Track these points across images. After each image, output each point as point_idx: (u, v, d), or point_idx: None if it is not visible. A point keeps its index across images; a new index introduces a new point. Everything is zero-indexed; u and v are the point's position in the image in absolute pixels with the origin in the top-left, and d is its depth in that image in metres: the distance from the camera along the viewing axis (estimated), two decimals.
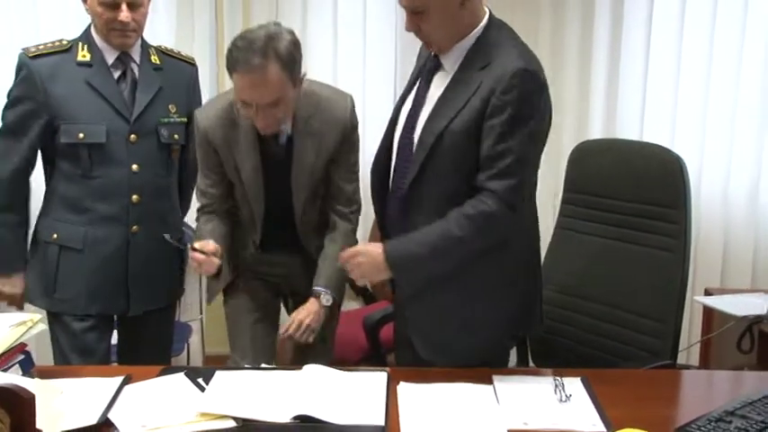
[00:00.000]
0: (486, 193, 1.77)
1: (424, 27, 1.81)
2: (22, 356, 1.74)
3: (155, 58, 2.25)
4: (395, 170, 1.94)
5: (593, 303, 2.27)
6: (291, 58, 1.92)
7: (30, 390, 1.37)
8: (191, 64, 2.35)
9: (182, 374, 1.77)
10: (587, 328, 2.27)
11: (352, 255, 1.85)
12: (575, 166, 2.37)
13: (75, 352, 2.17)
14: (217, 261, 1.98)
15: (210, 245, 1.99)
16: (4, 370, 1.65)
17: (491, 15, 1.87)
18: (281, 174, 2.11)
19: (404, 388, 1.73)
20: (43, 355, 2.33)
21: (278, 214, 2.14)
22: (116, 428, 1.53)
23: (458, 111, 1.78)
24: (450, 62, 1.85)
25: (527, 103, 1.76)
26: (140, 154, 2.18)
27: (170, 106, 2.23)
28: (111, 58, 2.14)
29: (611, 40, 3.30)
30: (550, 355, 2.34)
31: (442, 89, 1.85)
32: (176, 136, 2.26)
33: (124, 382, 1.73)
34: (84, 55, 2.11)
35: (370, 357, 2.65)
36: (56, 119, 2.13)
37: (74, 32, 2.21)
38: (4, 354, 1.66)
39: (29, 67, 2.10)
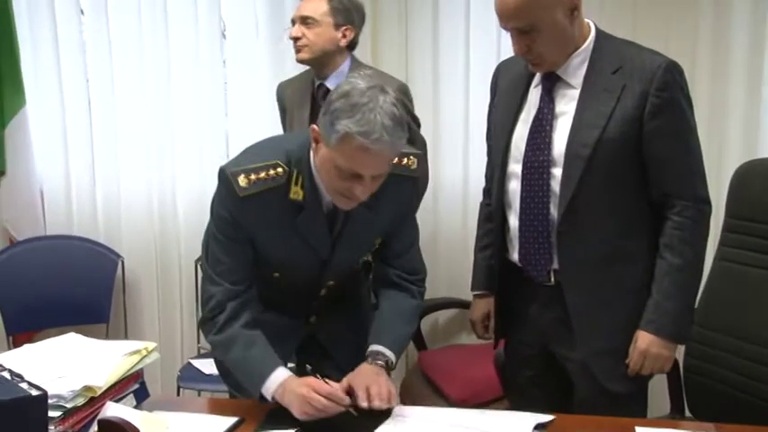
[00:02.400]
0: (681, 205, 1.85)
1: (536, 46, 1.82)
2: (136, 386, 1.79)
3: None
4: (524, 200, 1.92)
5: (760, 347, 2.08)
6: None
7: (135, 424, 1.40)
8: (412, 177, 1.89)
9: None
10: (752, 375, 2.09)
11: (642, 357, 1.88)
12: (739, 188, 2.20)
13: None
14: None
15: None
16: (117, 400, 1.70)
17: (596, 26, 1.92)
18: None
19: None
20: (153, 383, 2.38)
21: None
22: None
23: (608, 117, 1.81)
24: (572, 74, 1.88)
25: (685, 97, 1.84)
26: (325, 305, 2.01)
27: (376, 240, 1.93)
28: (326, 200, 1.78)
29: None
30: (706, 403, 2.19)
31: (573, 102, 1.86)
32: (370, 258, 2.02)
33: (236, 425, 1.71)
34: (297, 192, 1.75)
35: (501, 398, 2.56)
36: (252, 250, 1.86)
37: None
38: (117, 383, 1.71)
39: (239, 208, 1.74)
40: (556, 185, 1.87)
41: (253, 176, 1.72)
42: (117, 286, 3.32)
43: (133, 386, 1.78)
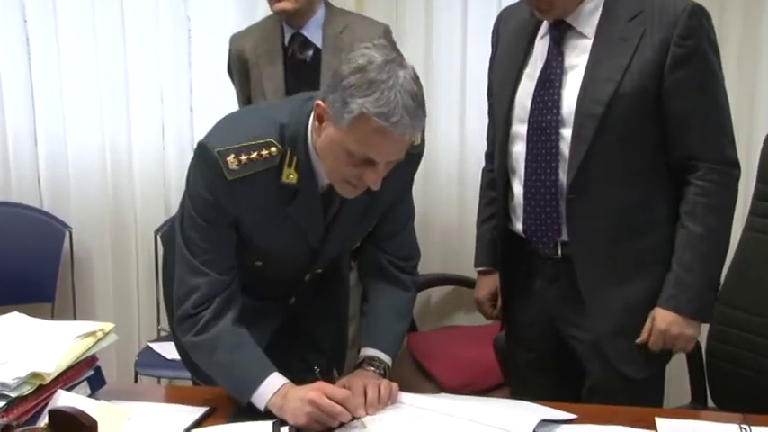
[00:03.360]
0: (705, 168, 1.85)
1: None
2: (90, 372, 1.78)
3: None
4: (530, 164, 1.93)
5: None
6: None
7: (92, 415, 1.39)
8: (416, 155, 1.88)
9: (269, 424, 1.65)
10: None
11: (661, 338, 1.90)
12: None
13: None
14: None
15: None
16: (70, 388, 1.69)
17: None
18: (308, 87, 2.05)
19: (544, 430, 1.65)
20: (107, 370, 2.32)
21: None
22: None
23: (624, 70, 1.81)
24: (584, 22, 1.88)
25: (712, 46, 1.85)
26: (306, 286, 2.02)
27: (373, 224, 1.93)
28: (322, 182, 1.77)
29: None
30: (731, 391, 2.23)
31: (585, 53, 1.87)
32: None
33: (206, 416, 1.71)
34: (290, 175, 1.73)
35: (500, 385, 2.61)
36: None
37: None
38: (70, 369, 1.69)
39: (225, 191, 1.70)
40: (565, 148, 1.88)
41: (243, 157, 1.68)
42: (64, 260, 3.29)
43: (87, 372, 1.77)
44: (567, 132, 1.87)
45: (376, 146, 1.58)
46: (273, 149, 1.69)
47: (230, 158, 1.67)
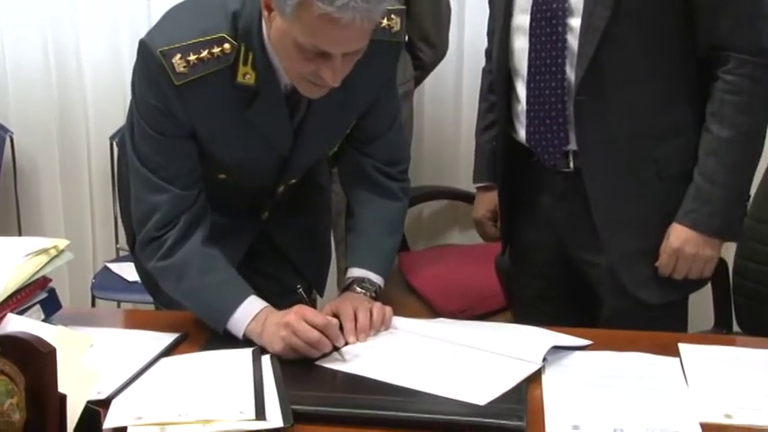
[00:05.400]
0: (737, 60, 1.80)
1: None
2: (44, 295, 1.78)
3: None
4: (533, 61, 1.91)
5: None
6: None
7: (50, 342, 1.38)
8: (394, 42, 1.86)
9: (248, 351, 1.65)
10: None
11: (674, 258, 1.90)
12: None
13: None
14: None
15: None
16: (21, 312, 1.68)
17: None
18: None
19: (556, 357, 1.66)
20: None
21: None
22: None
23: None
24: None
25: None
26: (280, 199, 2.02)
27: (349, 125, 1.92)
28: (285, 81, 1.74)
29: None
30: (760, 315, 2.26)
31: None
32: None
33: (178, 342, 1.72)
34: (247, 74, 1.70)
35: (502, 310, 2.64)
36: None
37: None
38: (20, 290, 1.69)
39: (174, 98, 1.68)
40: (573, 41, 1.85)
41: (192, 57, 1.65)
42: (5, 170, 3.27)
43: (40, 295, 1.77)
44: (575, 22, 1.84)
45: (324, 35, 1.54)
46: (227, 46, 1.66)
47: (176, 59, 1.64)
